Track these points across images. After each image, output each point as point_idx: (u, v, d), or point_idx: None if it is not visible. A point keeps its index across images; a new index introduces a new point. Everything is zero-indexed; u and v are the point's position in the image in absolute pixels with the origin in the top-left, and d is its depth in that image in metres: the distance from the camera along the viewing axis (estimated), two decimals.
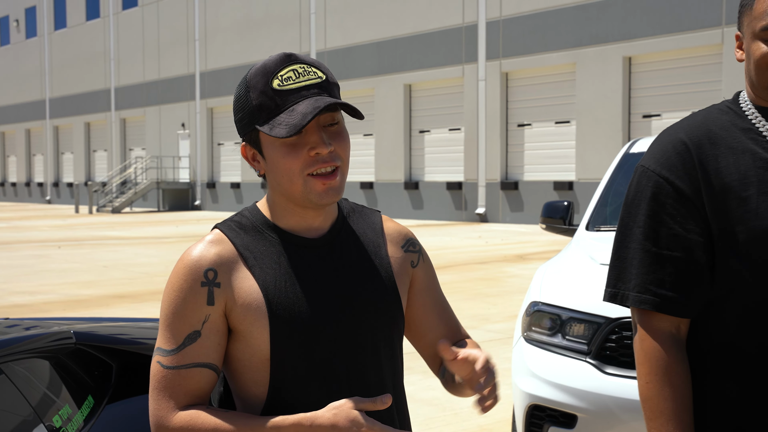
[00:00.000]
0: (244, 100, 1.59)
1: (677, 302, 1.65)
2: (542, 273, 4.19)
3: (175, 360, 1.55)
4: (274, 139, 1.56)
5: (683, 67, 20.34)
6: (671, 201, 1.65)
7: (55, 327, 2.65)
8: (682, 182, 1.65)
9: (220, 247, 1.59)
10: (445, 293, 10.07)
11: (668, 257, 1.65)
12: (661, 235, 1.66)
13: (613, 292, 1.72)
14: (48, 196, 45.19)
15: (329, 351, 1.58)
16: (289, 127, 1.52)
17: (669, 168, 1.66)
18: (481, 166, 24.62)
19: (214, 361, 1.57)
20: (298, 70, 1.57)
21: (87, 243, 18.97)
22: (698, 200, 1.64)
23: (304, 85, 1.56)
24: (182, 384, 1.55)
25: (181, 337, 1.55)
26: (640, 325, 1.69)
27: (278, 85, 1.56)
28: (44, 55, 45.37)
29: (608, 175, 5.23)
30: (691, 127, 1.69)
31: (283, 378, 1.57)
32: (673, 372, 1.65)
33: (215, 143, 34.80)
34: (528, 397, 3.73)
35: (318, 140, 1.55)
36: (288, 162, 1.56)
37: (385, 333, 1.65)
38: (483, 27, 24.37)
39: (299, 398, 1.57)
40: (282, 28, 30.53)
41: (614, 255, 1.73)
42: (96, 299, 10.55)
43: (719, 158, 1.64)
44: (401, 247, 1.75)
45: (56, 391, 2.47)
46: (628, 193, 1.73)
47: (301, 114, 1.52)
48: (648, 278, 1.66)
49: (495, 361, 4.98)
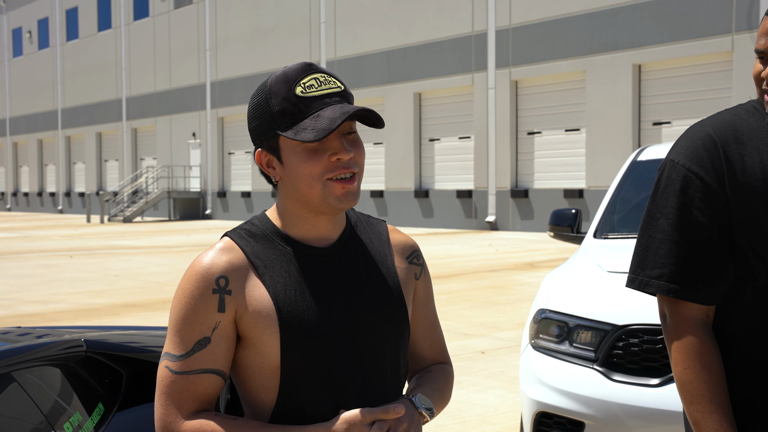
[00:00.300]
0: (263, 107, 1.61)
1: (704, 290, 1.72)
2: (550, 280, 4.20)
3: (184, 365, 1.56)
4: (295, 144, 1.59)
5: (693, 74, 20.30)
6: (699, 195, 1.72)
7: (66, 335, 2.68)
8: (710, 177, 1.71)
9: (231, 254, 1.61)
10: (454, 301, 10.11)
11: (695, 247, 1.72)
12: (689, 227, 1.73)
13: (633, 278, 1.79)
14: (60, 206, 45.39)
15: (338, 358, 1.61)
16: (316, 131, 1.55)
17: (698, 162, 1.73)
18: (491, 174, 24.62)
19: (222, 368, 1.59)
20: (320, 79, 1.61)
21: (98, 252, 19.06)
22: (723, 194, 1.71)
23: (326, 93, 1.60)
24: (190, 389, 1.57)
25: (190, 342, 1.57)
26: (670, 313, 1.77)
27: (301, 92, 1.59)
28: (56, 66, 45.63)
29: (616, 183, 5.24)
30: (719, 124, 1.76)
31: (292, 384, 1.59)
32: (707, 356, 1.71)
33: (226, 152, 34.90)
34: (535, 404, 3.74)
35: (340, 146, 1.59)
36: (309, 167, 1.58)
37: (392, 341, 1.68)
38: (492, 35, 24.40)
39: (307, 405, 1.59)
40: (292, 37, 30.63)
41: (639, 243, 1.79)
42: (107, 308, 10.59)
43: (745, 157, 1.71)
44: (406, 258, 1.78)
45: (67, 399, 2.50)
46: (657, 186, 1.79)
47: (329, 119, 1.55)
48: (676, 268, 1.73)
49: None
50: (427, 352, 1.84)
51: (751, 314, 1.73)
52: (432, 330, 1.84)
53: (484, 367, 7.09)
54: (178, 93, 36.82)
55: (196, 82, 35.70)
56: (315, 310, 1.60)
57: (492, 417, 5.63)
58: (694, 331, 1.73)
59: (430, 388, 1.74)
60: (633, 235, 4.80)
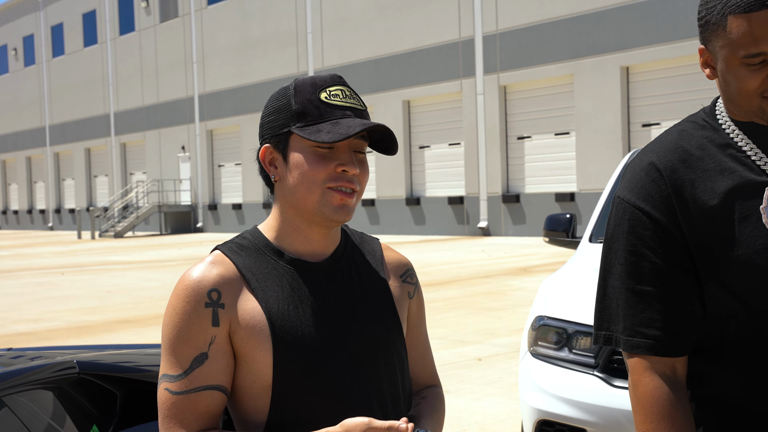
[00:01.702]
0: (283, 103, 1.60)
1: (669, 342, 1.53)
2: (547, 287, 4.17)
3: (183, 385, 1.51)
4: (306, 145, 1.56)
5: (681, 75, 20.36)
6: (649, 233, 1.52)
7: (58, 357, 2.63)
8: (659, 212, 1.52)
9: (222, 267, 1.57)
10: (449, 308, 10.08)
11: (653, 294, 1.52)
12: (643, 271, 1.53)
13: (597, 335, 1.61)
14: (50, 223, 45.23)
15: (331, 377, 1.56)
16: (332, 134, 1.53)
17: (644, 197, 1.54)
18: (482, 179, 24.62)
19: (223, 383, 1.54)
20: (346, 92, 1.61)
21: (90, 268, 18.96)
22: (677, 230, 1.52)
23: (349, 106, 1.59)
24: (192, 409, 1.52)
25: (187, 361, 1.52)
26: (631, 369, 1.56)
27: (325, 98, 1.58)
28: (43, 83, 45.53)
29: (610, 186, 5.22)
30: (663, 149, 1.56)
31: (283, 404, 1.55)
32: (670, 417, 1.51)
33: (216, 165, 34.83)
34: (536, 412, 3.70)
35: (349, 159, 1.57)
36: (314, 170, 1.56)
37: (387, 359, 1.64)
38: (480, 41, 24.43)
39: (299, 424, 1.54)
40: (279, 48, 30.62)
41: (599, 294, 1.61)
42: (100, 325, 10.52)
43: (696, 183, 1.52)
44: (400, 277, 1.74)
45: (60, 422, 2.45)
46: (608, 228, 1.60)
47: (347, 126, 1.54)
48: (635, 319, 1.54)
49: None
50: (420, 374, 1.80)
51: (742, 356, 1.52)
52: (424, 351, 1.81)
53: (482, 375, 7.05)
54: (166, 107, 36.76)
55: (184, 95, 35.65)
56: (308, 326, 1.56)
57: (491, 425, 5.59)
58: (656, 389, 1.52)
59: (431, 418, 1.70)
60: None
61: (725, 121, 1.58)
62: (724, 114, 1.58)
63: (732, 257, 1.49)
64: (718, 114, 1.60)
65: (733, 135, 1.56)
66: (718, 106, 1.61)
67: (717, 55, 1.52)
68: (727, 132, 1.56)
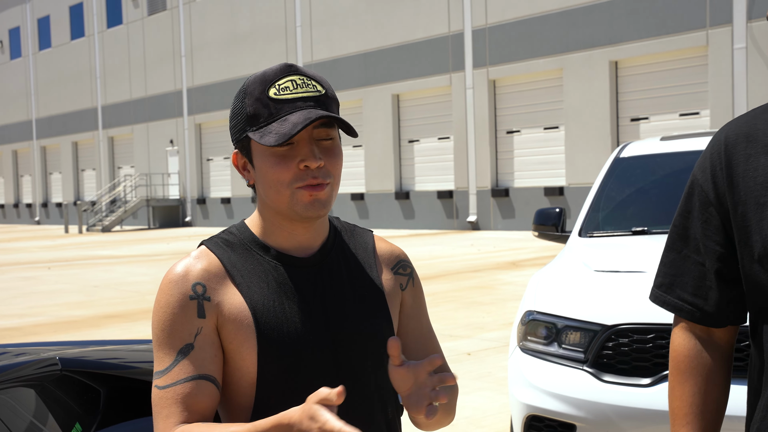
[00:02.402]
0: (240, 107, 1.55)
1: (695, 308, 1.59)
2: (536, 281, 4.14)
3: (169, 378, 1.47)
4: (264, 148, 1.52)
5: (669, 69, 20.39)
6: (698, 203, 1.59)
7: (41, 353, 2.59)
8: (708, 186, 1.56)
9: (207, 261, 1.54)
10: (439, 302, 10.06)
11: (692, 261, 1.59)
12: (689, 237, 1.60)
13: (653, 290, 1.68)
14: (37, 217, 45.00)
15: (316, 374, 1.53)
16: (278, 135, 1.47)
17: (702, 169, 1.60)
18: (471, 174, 24.61)
19: (211, 373, 1.48)
20: (297, 81, 1.54)
21: (77, 263, 18.86)
22: (721, 207, 1.54)
23: (300, 97, 1.52)
24: (179, 401, 1.46)
25: (173, 353, 1.48)
26: (673, 322, 1.66)
27: (274, 94, 1.52)
28: (30, 76, 45.26)
29: (599, 180, 5.20)
30: (736, 123, 1.58)
31: (267, 401, 1.52)
32: (692, 372, 1.57)
33: (204, 159, 34.72)
34: (525, 407, 3.68)
35: (308, 153, 1.51)
36: (277, 173, 1.51)
37: (376, 356, 1.59)
38: (469, 35, 24.40)
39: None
40: (268, 41, 30.52)
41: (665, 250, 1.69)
42: (87, 320, 10.45)
43: (750, 159, 1.51)
44: (392, 269, 1.69)
45: (42, 420, 2.42)
46: None
47: (292, 124, 1.48)
48: (671, 278, 1.62)
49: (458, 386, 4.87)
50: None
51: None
52: (427, 342, 1.73)
53: (471, 369, 7.03)
54: (154, 100, 36.60)
55: (173, 89, 35.49)
56: (294, 322, 1.52)
57: (480, 419, 5.57)
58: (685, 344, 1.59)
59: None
60: (618, 233, 4.76)
61: None
62: None
63: (764, 237, 1.47)
64: None
65: None
66: None
67: None
68: None
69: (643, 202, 5.12)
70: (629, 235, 4.70)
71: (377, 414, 1.59)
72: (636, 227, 4.74)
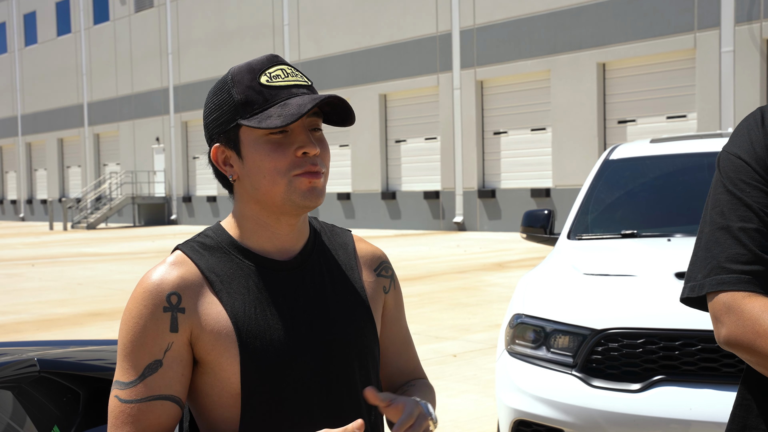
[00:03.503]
0: (223, 97, 1.49)
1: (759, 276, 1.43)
2: (525, 284, 4.10)
3: (134, 393, 1.42)
4: (258, 136, 1.46)
5: (657, 72, 20.43)
6: (742, 175, 1.50)
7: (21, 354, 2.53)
8: (750, 156, 1.50)
9: (183, 269, 1.47)
10: (424, 303, 10.00)
11: (742, 230, 1.46)
12: (732, 208, 1.49)
13: (692, 285, 1.50)
14: (22, 214, 44.72)
15: (302, 381, 1.48)
16: (284, 117, 1.42)
17: (738, 145, 1.54)
18: (457, 174, 24.60)
19: (177, 394, 1.44)
20: (287, 71, 1.50)
21: (61, 260, 18.73)
22: (765, 172, 1.49)
23: (293, 84, 1.49)
24: (142, 419, 1.42)
25: (140, 367, 1.42)
26: (718, 313, 1.44)
27: (267, 81, 1.47)
28: (15, 72, 44.96)
29: (588, 182, 5.17)
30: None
31: (254, 413, 1.46)
32: None
33: (190, 157, 34.58)
34: (513, 412, 3.63)
35: (306, 140, 1.46)
36: (273, 161, 1.45)
37: (360, 360, 1.55)
38: (457, 36, 24.38)
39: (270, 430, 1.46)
40: (255, 39, 30.42)
41: (693, 251, 1.55)
42: (70, 318, 10.36)
43: None
44: (374, 271, 1.65)
45: (20, 422, 2.36)
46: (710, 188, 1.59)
47: (298, 105, 1.44)
48: (722, 257, 1.46)
49: (434, 412, 4.85)
50: (403, 369, 1.71)
51: None
52: (406, 346, 1.72)
53: (456, 371, 6.99)
54: (140, 97, 36.43)
55: (159, 86, 35.34)
56: (277, 329, 1.47)
57: (466, 422, 5.53)
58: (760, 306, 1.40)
59: (423, 395, 1.63)
60: (608, 236, 4.73)
61: None
62: None
63: None
64: None
65: None
66: None
67: None
68: None
69: (633, 205, 5.09)
70: (619, 238, 4.67)
71: (364, 415, 1.55)
72: (625, 230, 4.70)
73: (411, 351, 1.73)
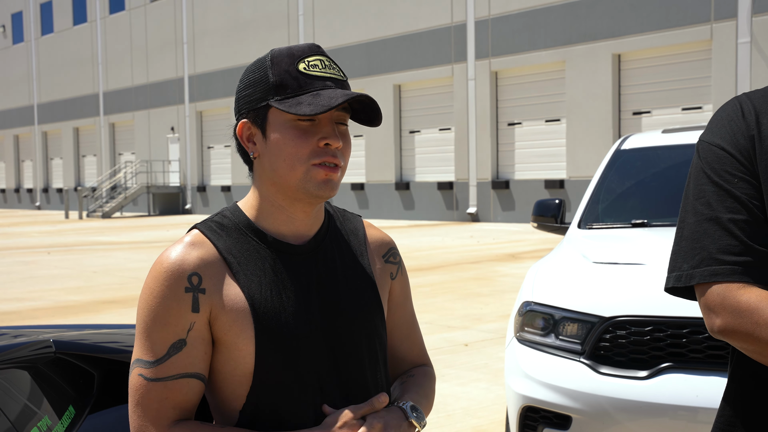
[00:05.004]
0: (260, 75, 1.52)
1: (750, 266, 1.44)
2: (534, 272, 4.13)
3: (160, 371, 1.45)
4: (286, 120, 1.50)
5: (672, 63, 20.34)
6: (725, 166, 1.50)
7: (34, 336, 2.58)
8: (734, 147, 1.50)
9: (202, 250, 1.51)
10: (437, 293, 10.04)
11: (731, 221, 1.46)
12: (719, 199, 1.49)
13: (678, 275, 1.50)
14: (38, 202, 45.00)
15: (313, 362, 1.52)
16: (314, 106, 1.46)
17: (720, 135, 1.53)
18: (471, 165, 24.59)
19: (201, 371, 1.48)
20: (325, 62, 1.54)
21: (77, 248, 18.86)
22: (750, 163, 1.49)
23: (329, 76, 1.52)
24: (169, 397, 1.46)
25: (164, 346, 1.46)
26: (710, 305, 1.45)
27: (304, 69, 1.51)
28: (32, 61, 45.18)
29: (600, 172, 5.18)
30: (754, 93, 1.57)
31: (262, 390, 1.50)
32: None
33: (205, 146, 34.69)
34: (521, 398, 3.67)
35: (330, 131, 1.50)
36: (295, 147, 1.49)
37: (369, 342, 1.59)
38: (472, 26, 24.34)
39: (284, 413, 1.50)
40: (270, 29, 30.45)
41: (675, 239, 1.55)
42: (85, 305, 10.46)
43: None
44: (383, 257, 1.69)
45: (36, 402, 2.41)
46: (688, 175, 1.59)
47: (329, 97, 1.47)
48: (713, 248, 1.46)
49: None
50: (407, 354, 1.76)
51: None
52: (411, 331, 1.76)
53: (468, 360, 7.03)
54: (155, 87, 36.55)
55: (174, 76, 35.44)
56: (290, 311, 1.51)
57: (476, 410, 5.57)
58: (756, 295, 1.42)
59: (416, 393, 1.66)
60: (618, 225, 4.75)
61: None
62: None
63: None
64: None
65: None
66: None
67: None
68: None
69: (644, 195, 5.10)
70: (629, 227, 4.68)
71: (372, 394, 1.59)
72: (636, 219, 4.72)
73: (416, 335, 1.77)
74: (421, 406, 1.64)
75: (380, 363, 1.62)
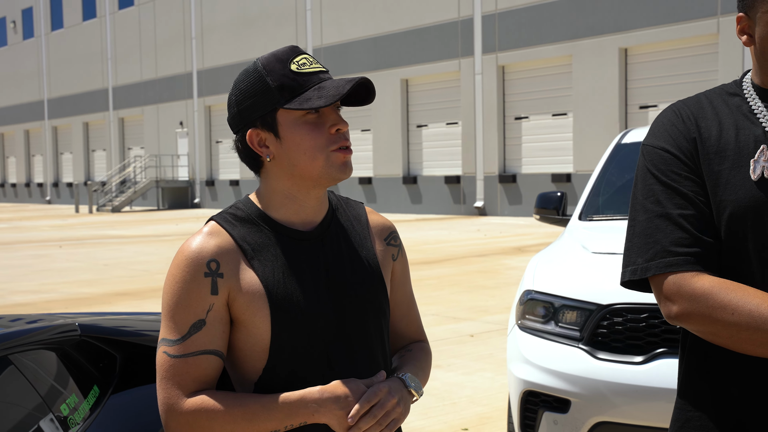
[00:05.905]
0: (258, 85, 1.65)
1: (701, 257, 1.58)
2: (535, 262, 4.26)
3: (181, 349, 1.61)
4: (295, 118, 1.64)
5: (679, 57, 20.38)
6: (671, 167, 1.63)
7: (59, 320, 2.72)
8: (678, 149, 1.64)
9: (219, 238, 1.65)
10: (443, 286, 10.15)
11: (680, 216, 1.60)
12: (667, 197, 1.62)
13: (633, 269, 1.63)
14: (48, 197, 45.23)
15: (323, 340, 1.66)
16: (325, 97, 1.61)
17: (664, 139, 1.66)
18: (478, 159, 24.68)
19: (219, 348, 1.63)
20: (309, 59, 1.68)
21: (87, 242, 19.04)
22: (693, 163, 1.63)
23: (319, 70, 1.67)
24: (190, 371, 1.61)
25: (186, 326, 1.61)
26: (668, 293, 1.58)
27: (297, 69, 1.65)
28: (42, 56, 45.37)
29: (601, 165, 5.30)
30: (685, 101, 1.71)
31: (278, 365, 1.65)
32: (740, 288, 1.53)
33: (214, 141, 34.83)
34: (522, 383, 3.81)
35: (338, 118, 1.66)
36: (312, 138, 1.64)
37: (375, 322, 1.74)
38: (479, 20, 24.40)
39: (298, 383, 1.65)
40: (278, 24, 30.55)
41: (627, 235, 1.68)
42: (97, 297, 10.62)
43: (711, 129, 1.64)
44: (384, 240, 1.84)
45: (63, 382, 2.55)
46: (635, 177, 1.71)
47: (335, 86, 1.62)
48: (666, 241, 1.59)
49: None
50: (405, 331, 1.91)
51: None
52: (409, 309, 1.91)
53: (473, 350, 7.17)
54: (164, 82, 36.70)
55: (183, 70, 35.58)
56: (302, 292, 1.65)
57: (481, 398, 5.70)
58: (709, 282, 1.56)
59: (414, 366, 1.80)
60: (617, 217, 4.87)
61: (747, 86, 1.69)
62: (749, 82, 1.70)
63: (717, 201, 1.61)
64: (744, 82, 1.70)
65: (749, 99, 1.67)
66: (746, 77, 1.71)
67: (757, 21, 1.62)
68: (745, 96, 1.67)
69: None
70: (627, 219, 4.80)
71: (381, 368, 1.74)
72: None
73: (414, 313, 1.93)
74: (419, 377, 1.79)
75: (385, 338, 1.77)
